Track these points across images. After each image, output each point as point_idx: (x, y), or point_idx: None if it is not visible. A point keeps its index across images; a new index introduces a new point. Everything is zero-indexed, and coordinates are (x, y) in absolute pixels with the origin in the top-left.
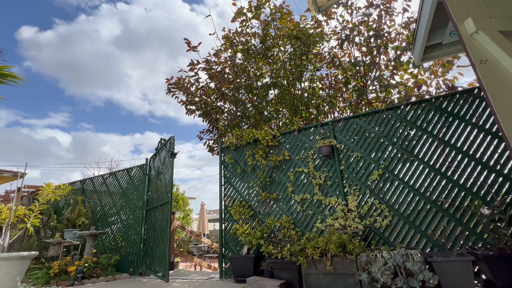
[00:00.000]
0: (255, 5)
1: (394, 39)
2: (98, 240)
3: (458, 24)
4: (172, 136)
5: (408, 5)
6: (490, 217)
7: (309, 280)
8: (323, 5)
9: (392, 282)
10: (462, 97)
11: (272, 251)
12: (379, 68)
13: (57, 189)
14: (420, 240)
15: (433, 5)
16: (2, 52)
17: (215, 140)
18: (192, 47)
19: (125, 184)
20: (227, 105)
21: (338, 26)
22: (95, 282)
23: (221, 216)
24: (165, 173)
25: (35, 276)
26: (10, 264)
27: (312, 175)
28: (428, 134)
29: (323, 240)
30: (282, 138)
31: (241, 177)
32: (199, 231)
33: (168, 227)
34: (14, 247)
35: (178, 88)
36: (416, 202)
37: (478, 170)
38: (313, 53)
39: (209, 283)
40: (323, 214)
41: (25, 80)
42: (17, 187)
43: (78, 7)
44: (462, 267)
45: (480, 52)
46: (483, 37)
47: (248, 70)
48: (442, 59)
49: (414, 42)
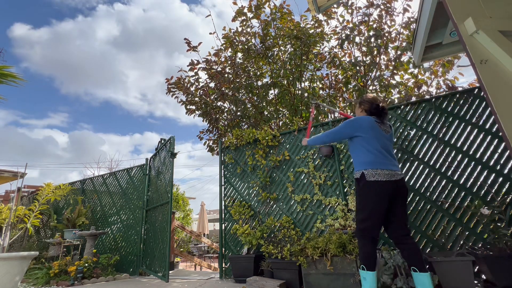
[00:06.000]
0: (256, 4)
1: (394, 39)
2: (98, 240)
3: (458, 24)
4: (172, 136)
5: (408, 5)
6: (490, 217)
7: (309, 280)
8: (323, 5)
9: (392, 282)
10: (462, 97)
11: (272, 251)
12: (379, 68)
13: (57, 189)
14: (420, 240)
15: (433, 5)
16: (2, 52)
17: (215, 140)
18: (192, 47)
19: (125, 184)
20: (227, 105)
21: (339, 26)
22: (95, 282)
23: (221, 216)
24: (165, 173)
25: (35, 276)
26: (10, 264)
27: (312, 175)
28: (428, 134)
29: (323, 240)
30: (282, 138)
31: (241, 177)
32: (199, 231)
33: (168, 227)
34: (14, 247)
35: (178, 88)
36: (416, 202)
37: (478, 170)
38: (313, 53)
39: (209, 283)
40: (323, 214)
41: (25, 80)
42: (17, 187)
43: (75, 8)
44: (462, 267)
45: (480, 52)
46: (483, 37)
47: (248, 70)
48: (442, 59)
49: (414, 42)
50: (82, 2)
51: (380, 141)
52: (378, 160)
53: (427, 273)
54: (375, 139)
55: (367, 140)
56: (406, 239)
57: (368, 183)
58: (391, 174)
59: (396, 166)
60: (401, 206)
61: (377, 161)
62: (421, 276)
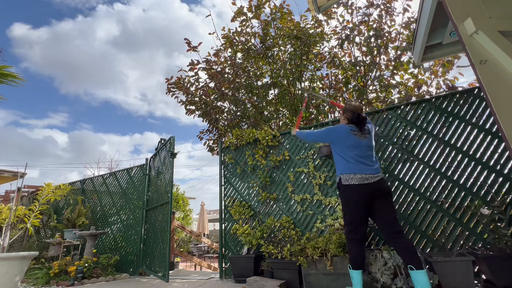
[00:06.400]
0: (256, 4)
1: (394, 39)
2: (98, 240)
3: (458, 24)
4: (172, 136)
5: (408, 5)
6: (490, 217)
7: (309, 280)
8: (323, 5)
9: (392, 282)
10: (462, 97)
11: (272, 251)
12: (379, 68)
13: (57, 189)
14: (420, 240)
15: (433, 5)
16: (2, 52)
17: (215, 140)
18: (193, 47)
19: (125, 184)
20: (227, 105)
21: (339, 26)
22: (95, 282)
23: (221, 216)
24: (165, 173)
25: (35, 276)
26: (10, 264)
27: (312, 175)
28: (428, 134)
29: (323, 240)
30: (282, 138)
31: (241, 177)
32: (199, 231)
33: (168, 227)
34: (14, 247)
35: (178, 88)
36: (416, 202)
37: (478, 170)
38: (313, 53)
39: (209, 283)
40: (323, 214)
41: (25, 80)
42: (17, 187)
43: (75, 8)
44: (462, 267)
45: (480, 52)
46: (483, 37)
47: (248, 70)
48: (442, 59)
49: (414, 42)
50: (82, 2)
51: (356, 149)
52: (352, 166)
53: (423, 270)
54: (351, 148)
55: (342, 149)
56: (399, 236)
57: (344, 187)
58: (364, 177)
59: (372, 169)
60: (385, 204)
61: (351, 167)
62: (417, 274)
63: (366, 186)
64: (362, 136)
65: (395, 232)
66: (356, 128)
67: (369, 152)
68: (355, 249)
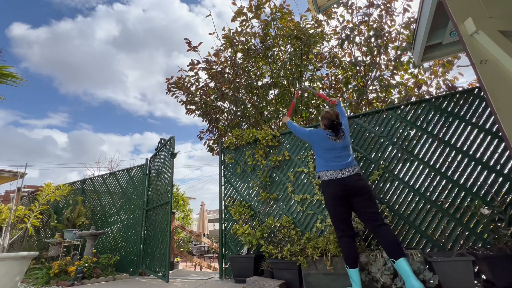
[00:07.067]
0: (256, 4)
1: (394, 39)
2: (98, 240)
3: (458, 24)
4: (172, 136)
5: (408, 5)
6: (490, 217)
7: (309, 280)
8: (323, 5)
9: (392, 282)
10: (462, 97)
11: (272, 251)
12: (379, 68)
13: (57, 189)
14: (420, 240)
15: (433, 5)
16: (2, 52)
17: (215, 140)
18: (193, 47)
19: (125, 184)
20: (227, 105)
21: (339, 26)
22: (95, 282)
23: (221, 216)
24: (165, 173)
25: (35, 276)
26: (10, 264)
27: (312, 175)
28: (428, 134)
29: (323, 240)
30: (282, 138)
31: (241, 177)
32: (199, 231)
33: (168, 227)
34: (14, 247)
35: (178, 87)
36: (416, 202)
37: (478, 170)
38: (313, 53)
39: (209, 283)
40: (323, 214)
41: (24, 80)
42: (17, 187)
43: (75, 8)
44: (462, 267)
45: (480, 52)
46: (483, 37)
47: (248, 70)
48: (442, 59)
49: (414, 42)
50: (82, 2)
51: (331, 151)
52: (327, 164)
53: (403, 258)
54: (325, 150)
55: (319, 151)
56: (380, 230)
57: (321, 183)
58: (335, 173)
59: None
60: (363, 201)
61: (326, 165)
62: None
63: (338, 180)
64: (337, 139)
65: (376, 226)
66: (332, 132)
67: (344, 152)
68: (345, 246)
